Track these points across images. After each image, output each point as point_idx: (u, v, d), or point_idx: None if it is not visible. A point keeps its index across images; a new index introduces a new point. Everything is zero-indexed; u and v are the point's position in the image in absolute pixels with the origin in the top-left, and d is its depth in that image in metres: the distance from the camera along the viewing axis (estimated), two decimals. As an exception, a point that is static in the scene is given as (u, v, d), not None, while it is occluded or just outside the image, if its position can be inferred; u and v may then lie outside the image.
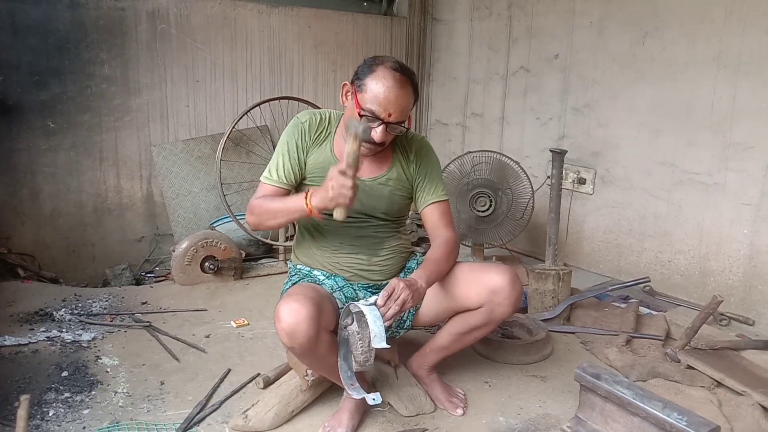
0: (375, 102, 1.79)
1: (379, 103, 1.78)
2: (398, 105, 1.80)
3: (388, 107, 1.79)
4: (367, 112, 1.80)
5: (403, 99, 1.81)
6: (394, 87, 1.79)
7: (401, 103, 1.81)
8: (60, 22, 3.21)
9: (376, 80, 1.79)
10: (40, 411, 1.99)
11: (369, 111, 1.79)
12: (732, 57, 2.92)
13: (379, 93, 1.78)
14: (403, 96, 1.81)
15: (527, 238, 3.88)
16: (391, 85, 1.78)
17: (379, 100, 1.78)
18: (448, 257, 1.94)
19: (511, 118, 4.06)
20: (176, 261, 3.16)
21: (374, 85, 1.79)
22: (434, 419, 2.05)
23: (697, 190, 3.13)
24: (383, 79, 1.79)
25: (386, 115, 1.80)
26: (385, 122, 1.81)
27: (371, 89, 1.79)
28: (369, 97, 1.79)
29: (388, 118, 1.80)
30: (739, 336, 2.66)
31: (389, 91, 1.78)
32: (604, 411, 1.88)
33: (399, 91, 1.80)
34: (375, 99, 1.79)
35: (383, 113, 1.79)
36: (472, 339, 2.06)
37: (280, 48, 3.94)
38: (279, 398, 1.99)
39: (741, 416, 2.06)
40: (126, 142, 3.51)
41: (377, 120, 1.80)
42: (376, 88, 1.79)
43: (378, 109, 1.79)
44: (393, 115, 1.80)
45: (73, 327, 2.62)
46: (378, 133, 1.81)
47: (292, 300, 1.69)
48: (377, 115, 1.79)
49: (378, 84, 1.79)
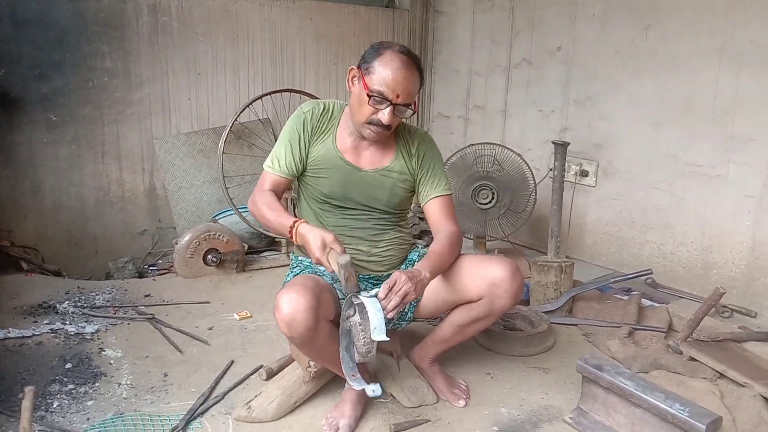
0: (383, 83, 1.80)
1: (387, 85, 1.80)
2: (406, 86, 1.81)
3: (396, 88, 1.80)
4: (375, 94, 1.81)
5: (410, 81, 1.83)
6: (402, 68, 1.80)
7: (408, 85, 1.82)
8: (61, 14, 3.20)
9: (383, 62, 1.81)
10: (45, 402, 2.00)
11: (377, 92, 1.80)
12: (734, 49, 2.91)
13: (387, 75, 1.79)
14: (410, 78, 1.83)
15: (529, 231, 3.87)
16: (398, 66, 1.80)
17: (387, 81, 1.79)
18: (451, 250, 1.94)
19: (514, 110, 4.05)
20: (179, 254, 3.16)
21: (382, 67, 1.80)
22: (436, 410, 2.06)
23: (700, 182, 3.12)
24: (391, 62, 1.80)
25: (394, 96, 1.81)
26: (392, 103, 1.82)
27: (379, 71, 1.80)
28: (377, 78, 1.80)
29: (396, 100, 1.81)
30: (741, 328, 2.66)
31: (397, 72, 1.79)
32: (606, 402, 1.89)
33: (406, 73, 1.81)
34: (383, 80, 1.80)
35: (391, 94, 1.80)
36: (474, 331, 2.06)
37: (281, 40, 3.93)
38: (282, 389, 2.00)
39: (743, 407, 2.06)
40: (128, 135, 3.51)
41: (385, 101, 1.81)
42: (384, 70, 1.80)
43: (386, 90, 1.80)
44: (401, 97, 1.82)
45: (76, 319, 2.63)
46: (386, 115, 1.83)
47: (292, 290, 1.69)
48: (385, 96, 1.80)
49: (386, 66, 1.80)
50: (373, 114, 1.84)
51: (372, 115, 1.84)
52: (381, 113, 1.83)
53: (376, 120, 1.84)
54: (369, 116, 1.84)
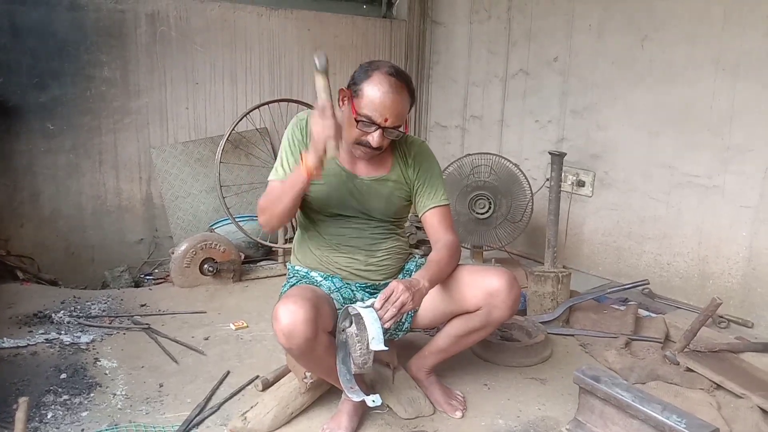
0: (371, 107, 1.79)
1: (375, 109, 1.79)
2: (394, 110, 1.81)
3: (384, 112, 1.80)
4: (364, 117, 1.80)
5: (398, 104, 1.82)
6: (390, 92, 1.80)
7: (397, 108, 1.82)
8: (60, 24, 3.21)
9: (372, 85, 1.80)
10: (39, 413, 1.98)
11: (365, 116, 1.80)
12: (731, 59, 2.92)
13: (375, 98, 1.79)
14: (398, 101, 1.82)
15: (526, 241, 3.88)
16: (386, 90, 1.79)
17: (375, 105, 1.79)
18: (450, 260, 1.94)
19: (511, 120, 4.06)
20: (175, 263, 3.16)
21: (370, 90, 1.80)
22: (433, 422, 2.05)
23: (696, 193, 3.13)
24: (379, 85, 1.79)
25: (382, 120, 1.81)
26: (381, 127, 1.82)
27: (367, 95, 1.80)
28: (365, 102, 1.80)
29: (384, 123, 1.81)
30: (738, 338, 2.66)
31: (385, 96, 1.79)
32: (603, 413, 1.88)
33: (395, 97, 1.80)
34: (371, 104, 1.79)
35: (379, 118, 1.80)
36: (471, 342, 2.06)
37: (279, 51, 3.94)
38: (278, 400, 1.99)
39: (740, 419, 2.06)
40: (125, 145, 3.51)
41: (374, 125, 1.81)
42: (372, 94, 1.79)
43: (374, 114, 1.80)
44: (389, 120, 1.81)
45: (71, 329, 2.61)
46: (375, 138, 1.83)
47: (290, 301, 1.69)
48: (373, 120, 1.80)
49: (374, 89, 1.79)
50: (362, 136, 1.84)
51: (361, 137, 1.85)
52: (370, 136, 1.83)
53: (365, 142, 1.85)
54: (358, 138, 1.85)
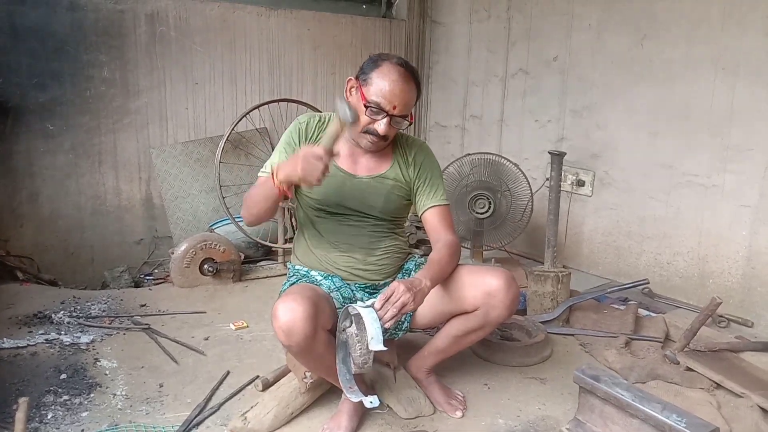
0: (380, 95, 1.83)
1: (384, 96, 1.83)
2: (402, 98, 1.85)
3: (393, 100, 1.84)
4: (372, 105, 1.84)
5: (407, 93, 1.87)
6: (399, 81, 1.84)
7: (405, 97, 1.86)
8: (59, 24, 3.21)
9: (381, 74, 1.85)
10: (39, 413, 1.98)
11: (374, 103, 1.84)
12: (730, 59, 2.92)
13: (384, 86, 1.83)
14: (407, 90, 1.86)
15: (526, 240, 3.88)
16: (396, 78, 1.84)
17: (384, 92, 1.83)
18: (450, 259, 1.94)
19: (510, 120, 4.06)
20: (175, 263, 3.16)
21: (379, 78, 1.84)
22: (433, 421, 2.05)
23: (696, 192, 3.13)
24: (389, 73, 1.84)
25: (391, 108, 1.84)
26: (389, 114, 1.85)
27: (376, 82, 1.84)
28: (374, 90, 1.84)
29: (392, 111, 1.85)
30: (738, 338, 2.66)
31: (394, 84, 1.83)
32: (603, 413, 1.88)
33: (403, 85, 1.85)
34: (380, 92, 1.83)
35: (388, 106, 1.84)
36: (470, 341, 2.06)
37: (279, 50, 3.94)
38: (278, 400, 1.99)
39: (740, 418, 2.06)
40: (125, 145, 3.51)
41: (382, 112, 1.84)
42: (382, 82, 1.84)
43: (383, 101, 1.83)
44: (398, 108, 1.85)
45: (71, 329, 2.61)
46: (382, 126, 1.86)
47: (289, 299, 1.70)
48: (382, 107, 1.84)
49: (383, 78, 1.84)
50: (369, 124, 1.87)
51: (369, 125, 1.87)
52: (377, 123, 1.86)
53: (373, 130, 1.88)
54: (366, 126, 1.87)
